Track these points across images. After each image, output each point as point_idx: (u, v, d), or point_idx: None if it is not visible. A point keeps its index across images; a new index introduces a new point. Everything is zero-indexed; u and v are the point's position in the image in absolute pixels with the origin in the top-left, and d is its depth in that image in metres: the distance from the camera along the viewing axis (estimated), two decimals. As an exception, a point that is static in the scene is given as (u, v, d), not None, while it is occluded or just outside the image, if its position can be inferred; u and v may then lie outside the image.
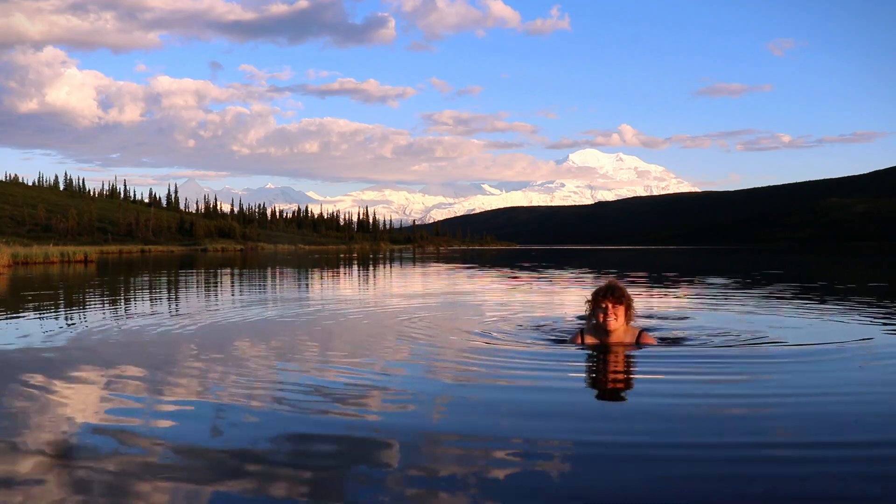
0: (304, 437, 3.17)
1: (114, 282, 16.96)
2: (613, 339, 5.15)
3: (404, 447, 3.03)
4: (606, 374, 4.64)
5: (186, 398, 3.95)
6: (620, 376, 4.56)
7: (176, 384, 4.32)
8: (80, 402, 3.85)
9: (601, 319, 5.06)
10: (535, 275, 19.91)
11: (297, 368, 4.80)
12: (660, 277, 18.54)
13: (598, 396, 4.04)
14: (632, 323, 5.27)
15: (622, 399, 3.97)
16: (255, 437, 3.16)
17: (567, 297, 11.57)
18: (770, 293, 11.66)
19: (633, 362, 4.85)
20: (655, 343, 5.34)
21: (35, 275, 19.92)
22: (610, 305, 5.02)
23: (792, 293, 11.66)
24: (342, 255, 52.11)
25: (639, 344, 5.20)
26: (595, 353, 5.08)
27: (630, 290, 5.29)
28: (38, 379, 4.44)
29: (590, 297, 5.20)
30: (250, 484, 2.57)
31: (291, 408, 3.70)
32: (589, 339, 5.26)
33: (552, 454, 2.90)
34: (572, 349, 5.26)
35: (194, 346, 5.87)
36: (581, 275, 19.82)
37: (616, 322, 5.06)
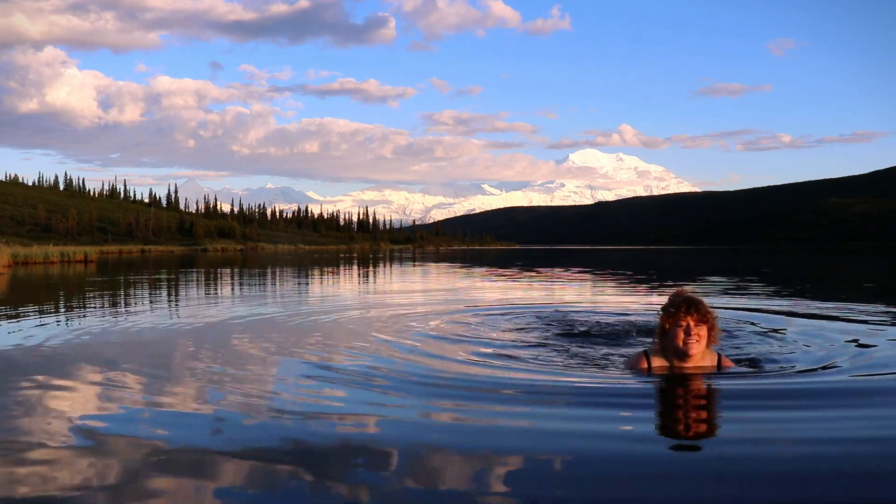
0: (303, 438, 3.14)
1: (113, 282, 16.95)
2: (690, 364, 4.16)
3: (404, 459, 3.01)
4: (704, 416, 3.51)
5: (185, 398, 3.92)
6: (717, 419, 3.50)
7: (174, 383, 4.30)
8: (78, 402, 3.83)
9: (680, 341, 4.05)
10: (550, 276, 19.87)
11: (296, 367, 4.78)
12: (678, 277, 18.52)
13: (704, 454, 2.89)
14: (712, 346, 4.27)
15: (736, 458, 2.80)
16: (255, 437, 3.13)
17: (595, 302, 10.00)
18: (806, 293, 11.63)
19: (727, 398, 3.80)
20: (733, 366, 4.39)
21: (35, 275, 19.91)
22: (692, 323, 4.04)
23: (832, 292, 11.52)
24: (342, 255, 52.12)
25: (721, 370, 4.23)
26: (672, 385, 4.03)
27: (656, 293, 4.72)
28: (36, 379, 4.42)
29: (662, 311, 4.17)
30: (249, 484, 2.56)
31: (290, 408, 3.68)
32: (658, 364, 4.24)
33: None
34: (635, 378, 4.18)
35: (192, 346, 5.85)
36: (603, 277, 19.79)
37: (699, 346, 4.08)
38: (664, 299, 4.29)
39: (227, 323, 7.49)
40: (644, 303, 9.99)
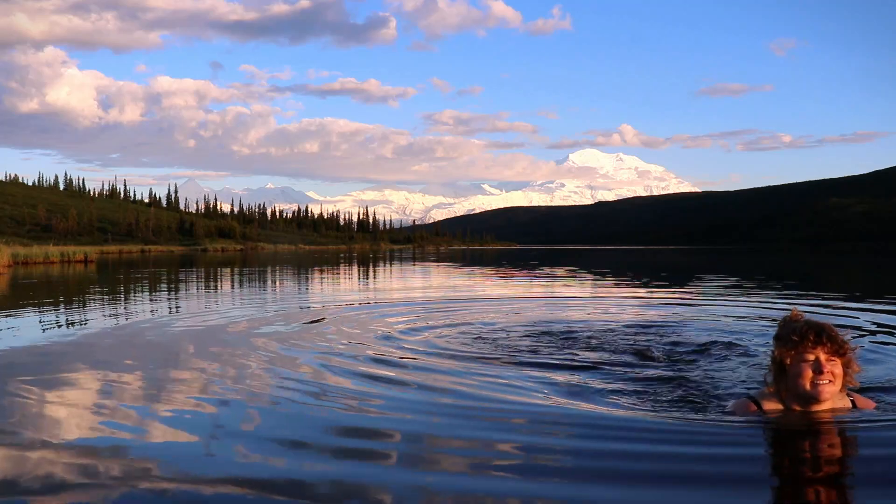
0: (303, 438, 3.15)
1: (113, 282, 16.97)
2: (818, 409, 3.12)
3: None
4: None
5: (184, 399, 3.94)
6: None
7: (173, 384, 4.32)
8: (78, 403, 3.84)
9: (807, 382, 3.01)
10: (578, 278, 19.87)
11: (295, 368, 4.79)
12: (688, 276, 18.53)
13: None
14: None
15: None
16: (254, 438, 3.15)
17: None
18: (829, 293, 11.63)
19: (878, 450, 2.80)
20: (875, 408, 3.31)
21: (35, 275, 19.93)
22: (823, 357, 3.00)
23: (855, 291, 11.61)
24: (342, 255, 52.13)
25: (856, 410, 3.22)
26: (798, 436, 3.01)
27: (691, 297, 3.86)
28: (36, 379, 4.44)
29: (777, 342, 3.15)
30: (249, 484, 2.56)
31: (289, 407, 3.70)
32: (771, 408, 3.18)
33: None
34: (740, 425, 3.14)
35: (192, 347, 5.86)
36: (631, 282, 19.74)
37: (831, 388, 3.03)
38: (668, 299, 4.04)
39: (226, 323, 7.51)
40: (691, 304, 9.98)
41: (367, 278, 18.87)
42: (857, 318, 7.65)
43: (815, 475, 2.60)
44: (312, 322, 7.45)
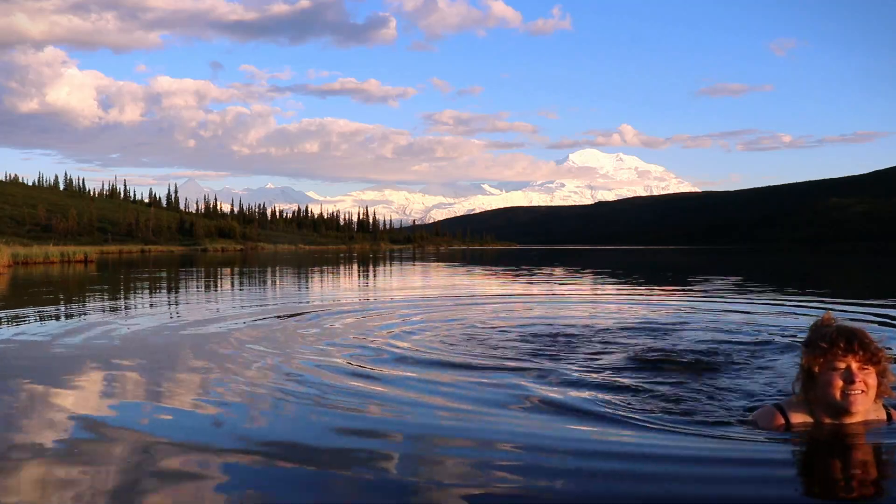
0: (302, 439, 3.10)
1: (113, 282, 16.93)
2: (850, 421, 2.96)
3: None
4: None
5: (183, 399, 3.90)
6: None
7: (173, 384, 4.28)
8: (76, 403, 3.79)
9: (836, 392, 2.87)
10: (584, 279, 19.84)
11: (295, 367, 4.74)
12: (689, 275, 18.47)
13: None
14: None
15: None
16: (254, 438, 3.10)
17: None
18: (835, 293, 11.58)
19: None
20: None
21: (35, 275, 19.89)
22: (856, 366, 2.85)
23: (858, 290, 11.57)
24: (342, 255, 52.14)
25: (892, 423, 3.04)
26: (828, 452, 2.85)
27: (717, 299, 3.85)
28: (35, 378, 4.39)
29: (806, 348, 2.98)
30: (250, 481, 2.52)
31: (289, 408, 3.65)
32: (799, 420, 3.02)
33: None
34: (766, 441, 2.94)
35: (191, 347, 5.82)
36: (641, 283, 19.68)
37: (864, 399, 2.87)
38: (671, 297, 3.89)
39: (224, 323, 7.47)
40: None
41: (366, 278, 18.84)
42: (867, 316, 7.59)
43: (847, 497, 2.43)
44: (305, 322, 7.40)
